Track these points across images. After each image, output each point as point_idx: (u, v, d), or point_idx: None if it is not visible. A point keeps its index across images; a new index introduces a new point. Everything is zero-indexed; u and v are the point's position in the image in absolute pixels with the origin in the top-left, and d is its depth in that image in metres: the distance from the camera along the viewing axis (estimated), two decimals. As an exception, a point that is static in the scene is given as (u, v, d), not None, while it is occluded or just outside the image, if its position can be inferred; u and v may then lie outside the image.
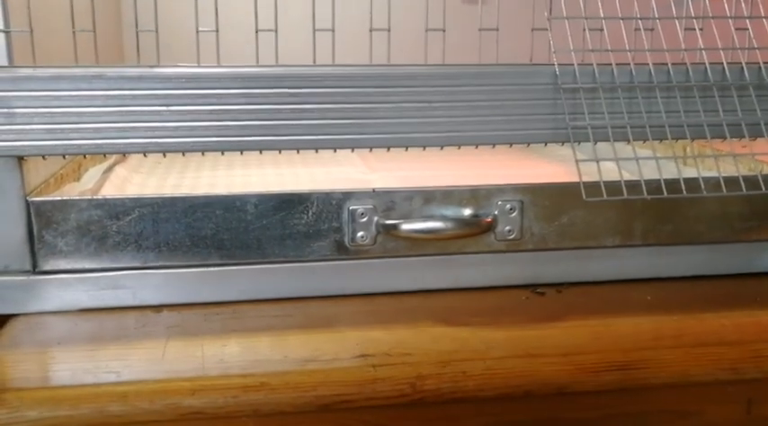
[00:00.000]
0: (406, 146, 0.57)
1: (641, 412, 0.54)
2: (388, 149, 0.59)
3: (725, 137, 0.56)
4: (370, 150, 0.59)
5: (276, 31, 0.59)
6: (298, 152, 0.59)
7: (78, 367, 0.50)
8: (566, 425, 0.53)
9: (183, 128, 0.55)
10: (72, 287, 0.57)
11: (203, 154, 0.58)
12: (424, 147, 0.58)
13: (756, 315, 0.58)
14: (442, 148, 0.61)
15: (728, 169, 0.62)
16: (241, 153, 0.59)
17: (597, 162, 0.52)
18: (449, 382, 0.50)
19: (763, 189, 0.57)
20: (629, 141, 0.55)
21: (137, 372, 0.49)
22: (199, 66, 0.55)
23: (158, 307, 0.59)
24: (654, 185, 0.57)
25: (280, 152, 0.59)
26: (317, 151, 0.59)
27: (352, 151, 0.59)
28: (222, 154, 0.59)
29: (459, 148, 0.59)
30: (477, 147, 0.59)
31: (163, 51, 0.60)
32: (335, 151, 0.59)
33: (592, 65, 0.57)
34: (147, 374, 0.49)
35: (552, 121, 0.56)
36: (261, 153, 0.58)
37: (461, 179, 0.63)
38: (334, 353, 0.52)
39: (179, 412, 0.47)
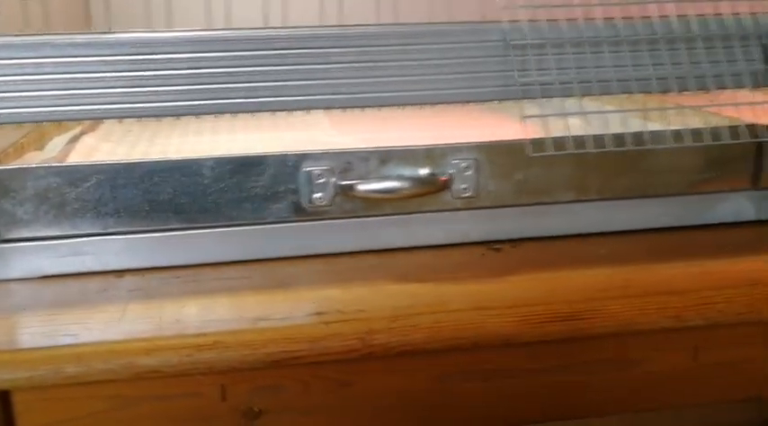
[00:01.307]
0: (358, 106, 0.58)
1: (588, 361, 0.55)
2: (345, 109, 0.60)
3: (672, 91, 0.56)
4: (339, 110, 0.60)
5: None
6: (253, 115, 0.60)
7: (38, 331, 0.51)
8: (514, 375, 0.54)
9: (136, 94, 0.56)
10: (34, 254, 0.59)
11: (159, 119, 0.59)
12: (368, 107, 0.58)
13: (704, 264, 0.59)
14: (403, 108, 0.62)
15: (688, 122, 0.63)
16: (196, 116, 0.59)
17: (543, 117, 0.52)
18: (398, 336, 0.51)
19: (710, 141, 0.58)
20: (578, 96, 0.56)
21: (94, 334, 0.50)
22: (148, 31, 0.55)
23: (121, 272, 0.60)
24: (601, 139, 0.58)
25: (234, 115, 0.60)
26: (273, 113, 0.60)
27: (307, 113, 0.60)
28: (178, 118, 0.59)
29: (422, 107, 0.60)
30: (435, 106, 0.60)
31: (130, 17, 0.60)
32: (308, 112, 0.60)
33: (541, 21, 0.57)
34: (105, 335, 0.50)
35: (502, 79, 0.57)
36: (234, 116, 0.58)
37: (426, 139, 0.64)
38: (288, 312, 0.53)
39: (134, 371, 0.49)
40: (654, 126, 0.62)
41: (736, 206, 0.67)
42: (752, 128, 0.63)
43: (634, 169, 0.65)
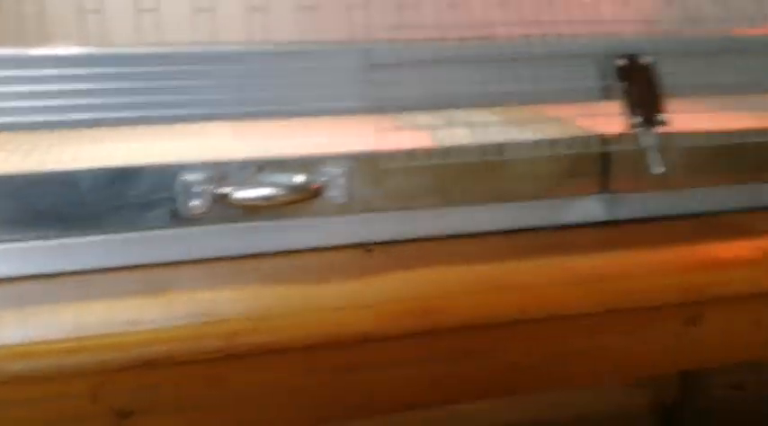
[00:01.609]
0: (223, 119, 0.61)
1: (440, 353, 0.60)
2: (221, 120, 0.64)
3: (515, 104, 0.62)
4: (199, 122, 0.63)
5: (101, 11, 0.62)
6: (133, 128, 0.63)
7: None
8: (375, 368, 0.59)
9: (20, 109, 0.58)
10: None
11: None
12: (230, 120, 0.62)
13: (548, 262, 0.64)
14: (273, 119, 0.65)
15: (547, 131, 0.68)
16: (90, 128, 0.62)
17: (393, 132, 0.57)
18: (263, 335, 0.55)
19: (563, 149, 0.64)
20: (434, 110, 0.61)
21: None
22: (16, 48, 0.57)
23: None
24: (457, 150, 0.63)
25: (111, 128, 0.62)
26: (150, 126, 0.63)
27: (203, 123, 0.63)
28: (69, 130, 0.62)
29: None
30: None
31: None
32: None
33: (399, 41, 0.62)
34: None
35: (363, 95, 0.61)
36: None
37: (318, 146, 0.67)
38: (161, 315, 0.56)
39: (4, 376, 0.51)
40: (524, 134, 0.66)
41: (588, 208, 0.73)
42: (601, 137, 0.69)
43: (493, 175, 0.70)
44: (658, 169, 0.62)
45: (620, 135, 0.67)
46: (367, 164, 0.67)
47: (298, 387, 0.57)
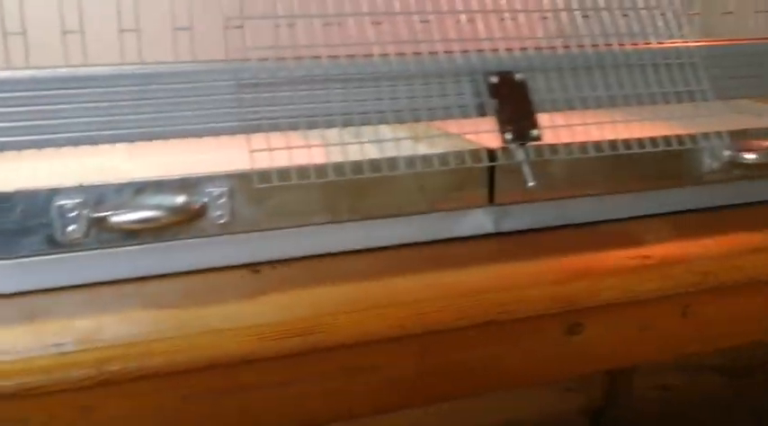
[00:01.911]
0: (94, 143, 0.60)
1: (323, 371, 0.60)
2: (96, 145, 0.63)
3: (389, 123, 0.63)
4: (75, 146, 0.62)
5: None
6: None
7: None
8: (251, 390, 0.58)
9: None
10: None
11: None
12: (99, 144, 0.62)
13: (431, 277, 0.65)
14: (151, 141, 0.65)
15: (433, 148, 0.69)
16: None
17: (270, 151, 0.57)
18: (134, 362, 0.54)
19: (448, 164, 0.65)
20: (301, 130, 0.61)
21: None
22: None
23: None
24: (335, 168, 0.63)
25: None
26: (19, 151, 0.62)
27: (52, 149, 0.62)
28: None
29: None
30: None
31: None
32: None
33: (270, 60, 0.62)
34: None
35: (235, 115, 0.61)
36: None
37: (198, 166, 0.66)
38: (29, 344, 0.55)
39: None
40: (405, 150, 0.67)
41: (476, 221, 0.75)
42: (482, 152, 0.71)
43: (381, 190, 0.71)
44: (531, 183, 0.64)
45: (501, 150, 0.68)
46: (249, 184, 0.67)
47: (174, 413, 0.57)
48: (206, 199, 0.66)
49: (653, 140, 0.69)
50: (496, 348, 0.65)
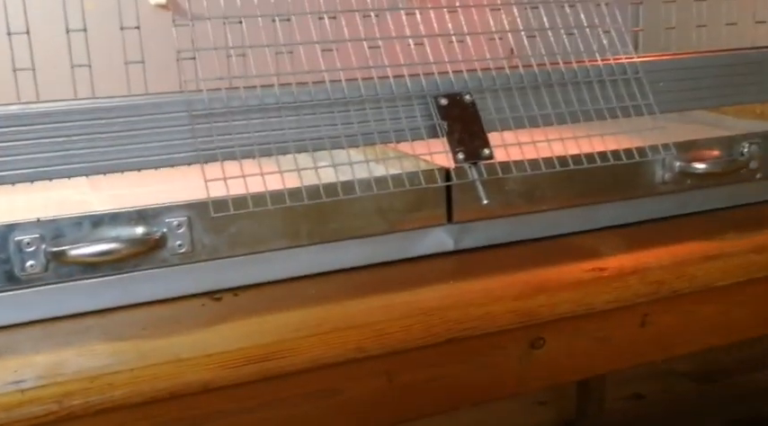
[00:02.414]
0: (46, 178, 0.61)
1: (291, 395, 0.60)
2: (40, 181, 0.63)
3: (343, 148, 0.64)
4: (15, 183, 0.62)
5: None
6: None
7: None
8: (218, 417, 0.59)
9: None
10: None
11: None
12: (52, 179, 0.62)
13: (391, 297, 0.66)
14: (105, 175, 0.65)
15: (389, 169, 0.70)
16: None
17: (225, 180, 0.58)
18: (96, 395, 0.54)
19: (401, 185, 0.66)
20: (256, 158, 0.62)
21: None
22: None
23: None
24: (291, 194, 0.64)
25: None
26: None
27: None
28: None
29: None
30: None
31: None
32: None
33: (222, 91, 0.63)
34: None
35: (189, 145, 0.62)
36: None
37: (177, 193, 0.66)
38: (-11, 383, 0.55)
39: None
40: (361, 173, 0.68)
41: (437, 240, 0.76)
42: (444, 170, 0.72)
43: (340, 213, 0.71)
44: (485, 201, 0.65)
45: (455, 169, 0.69)
46: (206, 212, 0.67)
47: (139, 444, 0.57)
48: (165, 230, 0.67)
49: (602, 155, 0.71)
50: (460, 365, 0.65)
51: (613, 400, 1.80)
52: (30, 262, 0.63)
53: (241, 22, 0.66)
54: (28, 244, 0.63)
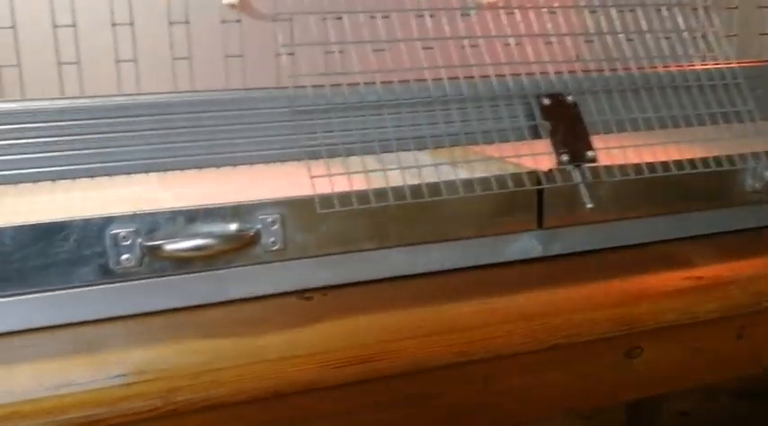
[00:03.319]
0: (152, 171, 0.60)
1: (388, 399, 0.59)
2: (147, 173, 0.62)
3: (445, 146, 0.62)
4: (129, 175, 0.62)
5: (19, 65, 0.60)
6: (54, 181, 0.61)
7: None
8: (319, 419, 0.57)
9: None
10: None
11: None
12: (160, 171, 0.61)
13: (490, 302, 0.65)
14: (201, 169, 0.64)
15: (483, 171, 0.68)
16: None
17: (330, 177, 0.57)
18: (200, 391, 0.53)
19: (497, 188, 0.64)
20: (365, 154, 0.61)
21: None
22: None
23: None
24: (395, 192, 0.63)
25: (35, 183, 0.61)
26: (74, 180, 0.62)
27: (110, 177, 0.62)
28: None
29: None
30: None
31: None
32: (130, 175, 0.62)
33: (325, 87, 0.62)
34: None
35: (291, 141, 0.61)
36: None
37: (250, 192, 0.66)
38: (91, 376, 0.54)
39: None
40: (458, 175, 0.66)
41: (525, 245, 0.74)
42: (535, 174, 0.70)
43: (430, 216, 0.70)
44: (589, 205, 0.64)
45: (551, 172, 0.68)
46: (301, 210, 0.66)
47: (240, 443, 0.55)
48: (259, 226, 0.66)
49: (704, 161, 0.69)
50: (557, 373, 0.64)
51: (662, 415, 1.76)
52: (125, 256, 0.63)
53: (340, 18, 0.65)
54: (124, 237, 0.62)
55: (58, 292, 0.62)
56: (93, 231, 0.62)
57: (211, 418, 0.54)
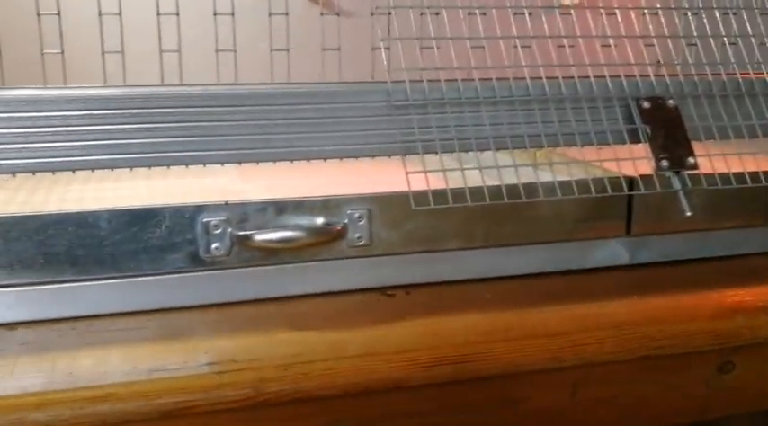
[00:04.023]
0: (249, 161, 0.60)
1: (474, 401, 0.58)
2: (240, 163, 0.62)
3: (542, 146, 0.61)
4: (222, 165, 0.62)
5: (122, 52, 0.61)
6: (150, 168, 0.62)
7: (-76, 387, 0.50)
8: (405, 417, 0.57)
9: (28, 150, 0.57)
10: None
11: (54, 173, 0.59)
12: (258, 162, 0.61)
13: (579, 308, 0.63)
14: (292, 162, 0.64)
15: (565, 174, 0.67)
16: (92, 170, 0.61)
17: (425, 173, 0.56)
18: (290, 384, 0.53)
19: (587, 192, 0.63)
20: (457, 152, 0.60)
21: (-17, 390, 0.50)
22: (41, 88, 0.56)
23: (13, 325, 0.60)
24: (482, 192, 0.62)
25: (131, 169, 0.61)
26: (168, 167, 0.62)
27: (204, 166, 0.62)
28: (73, 172, 0.60)
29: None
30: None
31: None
32: (187, 167, 0.62)
33: (422, 82, 0.61)
34: (-6, 391, 0.50)
35: (387, 136, 0.60)
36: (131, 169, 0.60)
37: (329, 187, 0.66)
38: (183, 362, 0.54)
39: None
40: (549, 177, 0.65)
41: (612, 252, 0.72)
42: (626, 179, 0.69)
43: (518, 218, 0.69)
44: (688, 213, 0.62)
45: (646, 178, 0.66)
46: (388, 206, 0.66)
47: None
48: (346, 221, 0.65)
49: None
50: (647, 384, 0.62)
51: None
52: (215, 245, 0.63)
53: (438, 14, 0.64)
54: (215, 226, 0.63)
55: (147, 278, 0.62)
56: (185, 218, 0.62)
57: (300, 410, 0.54)
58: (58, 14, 0.58)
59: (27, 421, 0.48)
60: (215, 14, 0.60)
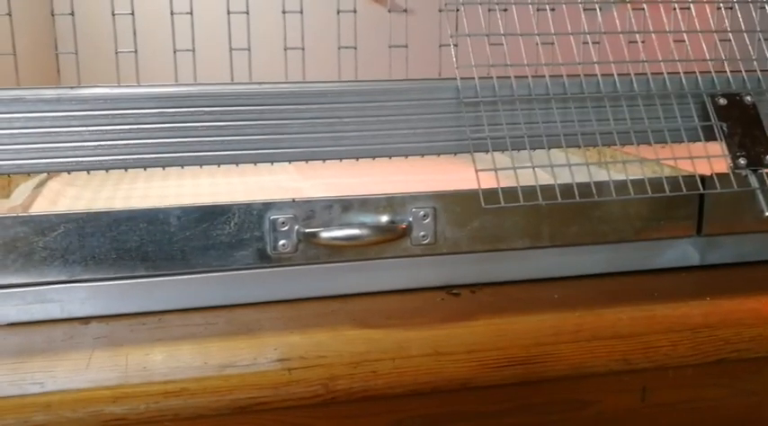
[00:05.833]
0: (318, 159, 0.60)
1: (542, 402, 0.57)
2: (307, 162, 0.63)
3: (614, 145, 0.60)
4: (289, 163, 0.63)
5: (194, 50, 0.62)
6: (218, 166, 0.62)
7: (4, 379, 0.52)
8: (472, 418, 0.56)
9: (103, 147, 0.58)
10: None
11: (126, 170, 0.60)
12: (325, 160, 0.61)
13: (651, 309, 0.62)
14: (357, 160, 0.64)
15: (642, 172, 0.66)
16: (163, 168, 0.61)
17: (495, 171, 0.55)
18: (360, 381, 0.53)
19: (658, 191, 0.62)
20: (526, 149, 0.59)
21: (61, 382, 0.51)
22: (116, 87, 0.57)
23: (86, 319, 0.61)
24: (553, 190, 0.61)
25: (201, 166, 0.62)
26: (237, 165, 0.63)
27: (272, 164, 0.62)
28: (145, 169, 0.61)
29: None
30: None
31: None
32: (255, 165, 0.62)
33: (492, 78, 0.61)
34: (71, 384, 0.51)
35: (456, 133, 0.60)
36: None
37: (387, 185, 0.66)
38: (253, 358, 0.55)
39: (101, 419, 0.50)
40: (615, 175, 0.64)
41: (682, 252, 0.71)
42: (696, 179, 0.67)
43: (585, 217, 0.68)
44: (766, 212, 0.60)
45: (721, 176, 0.64)
46: (453, 204, 0.65)
47: (393, 437, 0.55)
48: (411, 219, 0.65)
49: None
50: (719, 389, 0.60)
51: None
52: (282, 242, 0.63)
53: (506, 10, 0.63)
54: (283, 223, 0.63)
55: (216, 274, 0.63)
56: (253, 216, 0.62)
57: (368, 408, 0.54)
58: (132, 14, 0.59)
59: (104, 414, 0.49)
60: (284, 12, 0.61)
